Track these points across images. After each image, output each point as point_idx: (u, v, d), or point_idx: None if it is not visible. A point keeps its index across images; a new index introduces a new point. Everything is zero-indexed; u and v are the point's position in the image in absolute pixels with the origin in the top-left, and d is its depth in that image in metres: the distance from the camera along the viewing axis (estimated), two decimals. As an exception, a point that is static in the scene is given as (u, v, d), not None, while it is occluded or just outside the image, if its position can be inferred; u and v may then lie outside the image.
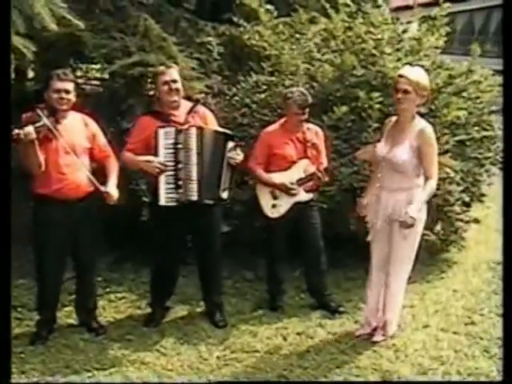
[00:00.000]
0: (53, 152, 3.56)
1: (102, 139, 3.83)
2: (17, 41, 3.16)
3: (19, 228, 3.90)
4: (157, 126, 3.72)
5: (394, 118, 3.74)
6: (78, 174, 3.65)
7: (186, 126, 3.76)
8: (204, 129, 3.81)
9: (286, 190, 4.07)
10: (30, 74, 7.15)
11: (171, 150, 3.73)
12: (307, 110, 4.07)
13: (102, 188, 3.70)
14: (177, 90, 3.78)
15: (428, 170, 3.53)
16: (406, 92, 3.49)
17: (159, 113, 3.86)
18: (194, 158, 3.74)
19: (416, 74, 3.55)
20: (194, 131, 3.75)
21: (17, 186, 3.93)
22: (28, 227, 3.76)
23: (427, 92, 3.60)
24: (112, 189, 3.73)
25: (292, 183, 4.06)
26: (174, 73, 3.82)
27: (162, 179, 3.72)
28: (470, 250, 5.45)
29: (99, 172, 3.81)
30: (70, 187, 3.62)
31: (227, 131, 3.94)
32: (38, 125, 3.43)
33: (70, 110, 3.68)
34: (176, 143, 3.73)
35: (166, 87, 3.77)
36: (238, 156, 3.84)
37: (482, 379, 3.36)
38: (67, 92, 3.59)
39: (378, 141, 3.75)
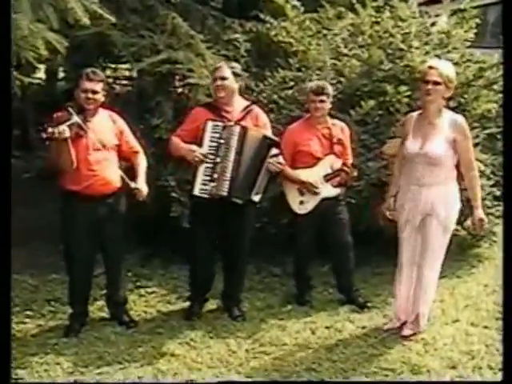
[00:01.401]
0: (83, 149, 3.62)
1: (129, 136, 3.89)
2: (50, 36, 3.26)
3: (52, 225, 4.01)
4: (207, 119, 3.78)
5: (415, 114, 3.72)
6: (107, 171, 3.71)
7: (231, 123, 3.80)
8: (248, 129, 3.81)
9: (311, 189, 4.08)
10: (61, 75, 7.32)
11: (214, 144, 3.77)
12: (325, 97, 4.04)
13: (133, 184, 3.76)
14: (223, 87, 3.82)
15: (469, 162, 3.60)
16: (435, 83, 3.50)
17: (214, 106, 3.92)
18: (231, 156, 3.77)
19: (446, 67, 3.58)
20: (237, 129, 3.77)
21: (46, 186, 4.04)
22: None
23: (453, 85, 3.61)
24: (142, 185, 3.79)
25: (317, 182, 4.06)
26: (224, 70, 3.86)
27: (201, 170, 3.77)
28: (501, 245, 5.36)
29: (127, 170, 3.87)
30: (99, 183, 3.68)
31: (273, 137, 3.94)
32: (69, 123, 3.50)
33: (99, 107, 3.73)
34: (220, 138, 3.77)
35: (215, 83, 3.86)
36: (278, 164, 3.86)
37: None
38: (94, 92, 3.63)
39: (403, 138, 3.71)
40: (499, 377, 3.28)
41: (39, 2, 3.08)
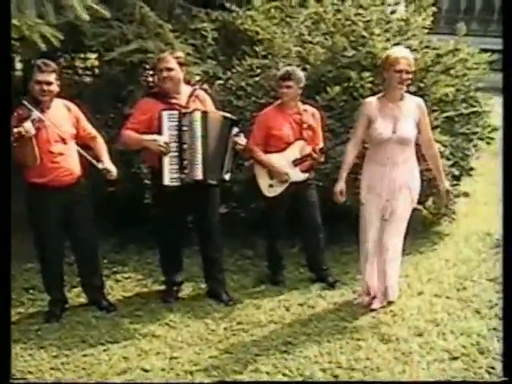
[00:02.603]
0: (44, 142, 3.66)
1: (85, 122, 3.94)
2: (46, 30, 3.40)
3: (22, 215, 4.06)
4: (160, 109, 3.85)
5: (374, 99, 3.89)
6: (69, 161, 3.79)
7: (190, 110, 3.91)
8: (208, 113, 3.95)
9: (281, 177, 4.23)
10: (18, 66, 7.22)
11: (175, 132, 3.86)
12: (291, 82, 4.16)
13: (100, 165, 3.84)
14: (170, 78, 3.90)
15: (431, 139, 3.92)
16: (408, 72, 3.73)
17: (161, 95, 3.99)
18: (198, 141, 3.89)
19: (411, 55, 3.83)
20: (198, 115, 3.89)
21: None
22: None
23: None
24: (109, 164, 3.88)
25: (286, 168, 4.21)
26: (169, 61, 3.92)
27: (166, 160, 3.85)
28: (461, 222, 5.64)
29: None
30: (64, 174, 3.76)
31: (233, 117, 4.09)
32: (31, 119, 3.52)
33: (54, 97, 3.75)
34: (180, 126, 3.86)
35: (160, 74, 3.92)
36: (241, 141, 4.02)
37: (474, 338, 3.58)
38: (48, 84, 3.65)
39: (367, 122, 3.89)
40: (461, 341, 3.55)
41: (42, 1, 3.18)
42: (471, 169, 5.70)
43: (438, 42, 5.71)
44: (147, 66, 4.62)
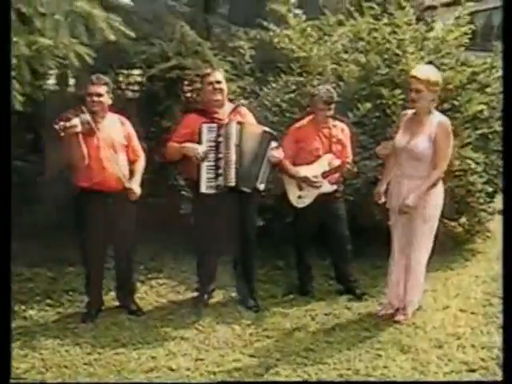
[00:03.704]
0: (94, 147, 3.91)
1: (135, 139, 4.18)
2: (80, 49, 3.71)
3: (64, 222, 4.31)
4: (201, 122, 4.08)
5: (409, 111, 3.99)
6: (117, 167, 4.00)
7: (226, 121, 4.11)
8: (245, 124, 4.15)
9: (310, 184, 4.37)
10: (71, 81, 7.64)
11: (213, 144, 4.07)
12: (333, 105, 4.35)
13: (127, 184, 4.03)
14: (220, 89, 4.15)
15: (437, 160, 3.80)
16: (418, 91, 3.78)
17: (204, 111, 4.23)
18: (232, 148, 4.07)
19: (426, 73, 3.84)
20: (234, 125, 4.09)
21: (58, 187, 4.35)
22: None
23: (439, 87, 3.88)
24: (135, 185, 4.06)
25: (316, 176, 4.34)
26: (218, 74, 4.21)
27: (204, 169, 4.06)
28: (495, 240, 5.61)
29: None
30: (110, 179, 3.97)
31: (272, 131, 4.26)
32: (80, 118, 3.77)
33: (107, 111, 4.02)
34: (218, 136, 4.07)
35: (210, 87, 4.15)
36: (278, 154, 4.18)
37: (495, 352, 3.58)
38: (99, 95, 3.93)
39: (395, 133, 4.00)
40: (481, 354, 3.56)
41: (75, 23, 3.54)
42: (506, 186, 5.65)
43: (476, 59, 5.72)
44: (186, 82, 4.85)
